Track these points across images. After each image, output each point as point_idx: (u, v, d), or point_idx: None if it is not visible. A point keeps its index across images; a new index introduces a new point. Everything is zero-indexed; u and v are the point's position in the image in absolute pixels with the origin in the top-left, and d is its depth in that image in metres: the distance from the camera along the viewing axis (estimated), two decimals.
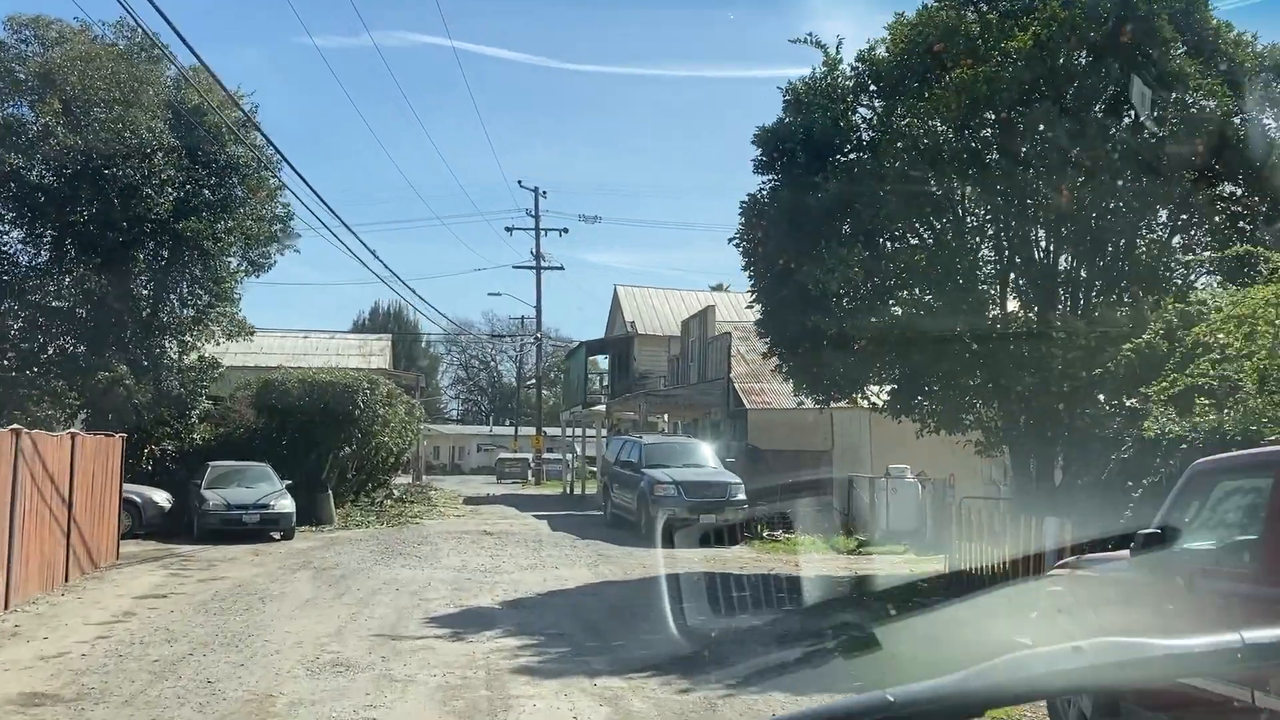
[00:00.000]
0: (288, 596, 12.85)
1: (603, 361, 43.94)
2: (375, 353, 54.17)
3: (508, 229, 51.49)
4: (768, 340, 17.04)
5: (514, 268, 54.73)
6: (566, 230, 51.05)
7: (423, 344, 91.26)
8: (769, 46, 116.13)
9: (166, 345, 23.81)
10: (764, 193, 16.29)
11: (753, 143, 16.44)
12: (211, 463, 22.00)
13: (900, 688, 1.14)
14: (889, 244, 15.70)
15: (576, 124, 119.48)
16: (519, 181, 66.71)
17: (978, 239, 15.57)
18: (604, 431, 40.90)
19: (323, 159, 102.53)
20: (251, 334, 25.36)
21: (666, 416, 31.28)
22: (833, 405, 17.93)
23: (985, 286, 15.29)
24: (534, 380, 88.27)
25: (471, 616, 11.56)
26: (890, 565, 17.42)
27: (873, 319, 15.19)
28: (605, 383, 45.43)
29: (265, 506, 20.49)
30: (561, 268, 53.92)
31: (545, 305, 67.12)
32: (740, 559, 18.31)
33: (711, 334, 28.13)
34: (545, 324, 55.60)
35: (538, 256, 50.48)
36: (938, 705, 1.15)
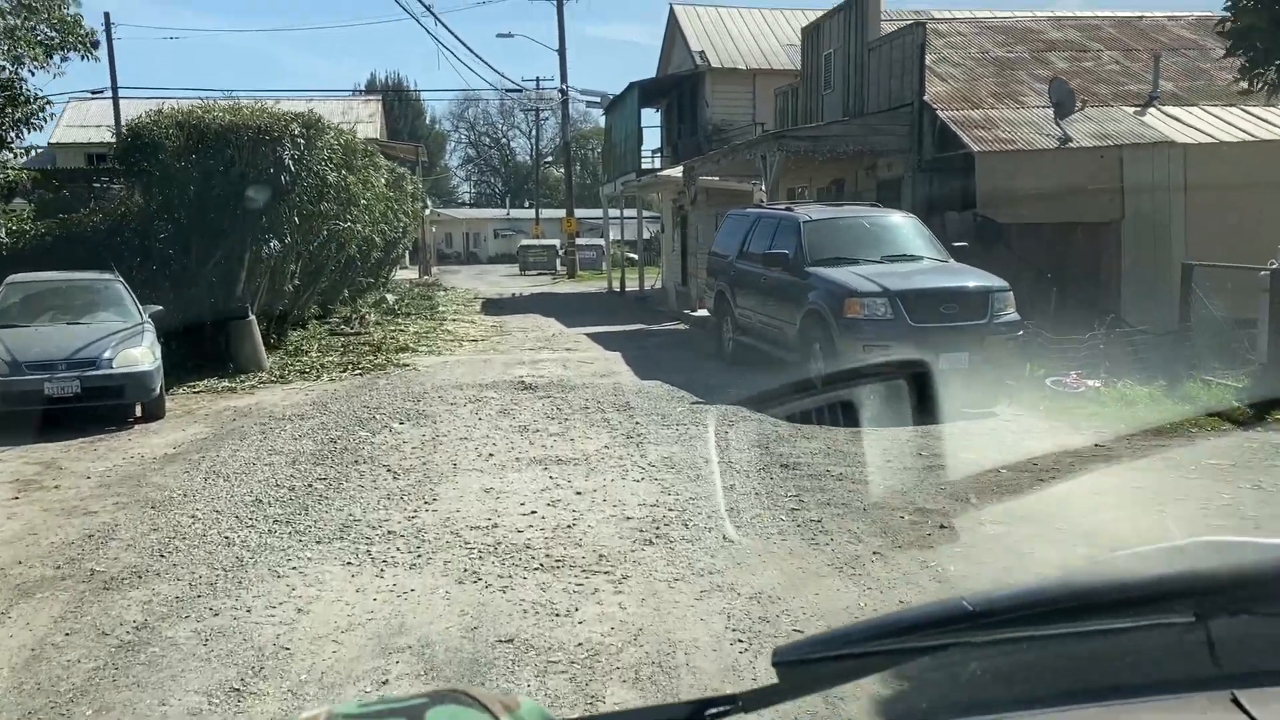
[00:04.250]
0: None
1: (648, 117, 32.81)
2: (363, 119, 43.46)
3: None
4: None
5: None
6: None
7: (426, 120, 79.93)
8: None
9: None
10: None
11: None
12: (10, 278, 11.89)
13: (979, 594, 1.00)
14: None
15: None
16: None
17: None
18: (654, 211, 30.57)
19: None
20: (94, 45, 14.50)
21: (761, 185, 20.05)
22: None
23: None
24: (551, 157, 76.95)
25: None
26: None
27: None
28: (659, 144, 34.57)
29: (93, 362, 10.39)
30: None
31: (567, 64, 54.48)
32: (1094, 455, 8.36)
33: (874, 35, 17.03)
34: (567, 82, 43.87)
35: None
36: (1022, 614, 1.02)
